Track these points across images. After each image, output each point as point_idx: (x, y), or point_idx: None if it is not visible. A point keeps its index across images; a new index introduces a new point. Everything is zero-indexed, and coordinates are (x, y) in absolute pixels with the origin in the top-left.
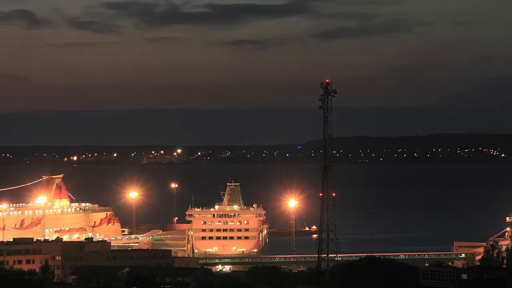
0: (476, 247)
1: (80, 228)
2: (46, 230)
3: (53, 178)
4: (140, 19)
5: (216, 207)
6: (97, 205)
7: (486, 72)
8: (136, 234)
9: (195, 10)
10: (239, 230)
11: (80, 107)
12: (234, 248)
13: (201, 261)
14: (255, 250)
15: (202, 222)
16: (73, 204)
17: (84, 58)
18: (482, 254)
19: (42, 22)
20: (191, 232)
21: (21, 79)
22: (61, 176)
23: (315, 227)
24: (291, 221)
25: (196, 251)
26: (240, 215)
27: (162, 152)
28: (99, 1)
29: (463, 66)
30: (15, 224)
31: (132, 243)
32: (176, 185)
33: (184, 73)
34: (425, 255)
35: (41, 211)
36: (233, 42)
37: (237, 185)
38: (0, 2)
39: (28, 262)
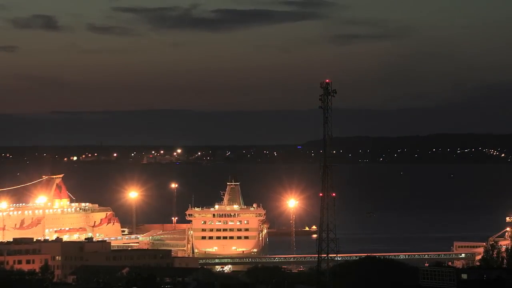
0: (476, 247)
1: (80, 228)
2: (46, 230)
3: (53, 178)
4: (154, 24)
5: (216, 206)
6: (97, 205)
7: (486, 74)
8: (136, 234)
9: (203, 15)
10: (239, 230)
11: (80, 107)
12: (234, 248)
13: (201, 261)
14: (255, 250)
15: (202, 222)
16: (73, 204)
17: (87, 60)
18: (482, 254)
19: (61, 27)
20: (191, 232)
21: (22, 80)
22: (61, 176)
23: (315, 227)
24: (291, 221)
25: (196, 251)
26: (240, 215)
27: (162, 152)
28: (115, 6)
29: (464, 67)
30: (15, 224)
31: (132, 243)
32: (176, 185)
33: (184, 75)
34: (425, 255)
35: (41, 211)
36: (235, 45)
37: (237, 184)
38: (20, 7)
39: (28, 262)
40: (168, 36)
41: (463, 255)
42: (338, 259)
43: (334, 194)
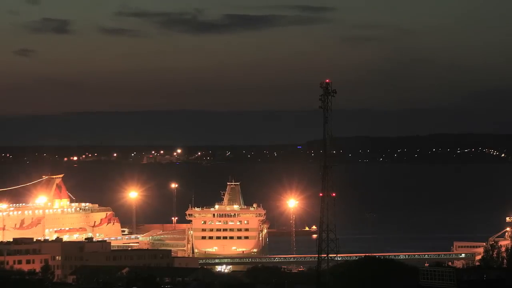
0: (476, 247)
1: (80, 228)
2: (46, 230)
3: (53, 178)
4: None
5: (216, 206)
6: (97, 205)
7: (487, 75)
8: (136, 234)
9: (209, 20)
10: (239, 230)
11: (81, 107)
12: (234, 248)
13: (201, 261)
14: (255, 250)
15: (202, 222)
16: (73, 204)
17: (94, 62)
18: (482, 254)
19: (71, 30)
20: (191, 232)
21: (27, 82)
22: (61, 176)
23: (315, 227)
24: (291, 221)
25: (196, 250)
26: (240, 215)
27: (162, 152)
28: (126, 10)
29: (465, 68)
30: (15, 224)
31: (132, 243)
32: (176, 185)
33: (185, 76)
34: (425, 255)
35: (41, 211)
36: (235, 48)
37: (237, 184)
38: (31, 12)
39: (28, 262)
40: (173, 39)
41: (463, 255)
42: (338, 259)
43: (334, 194)
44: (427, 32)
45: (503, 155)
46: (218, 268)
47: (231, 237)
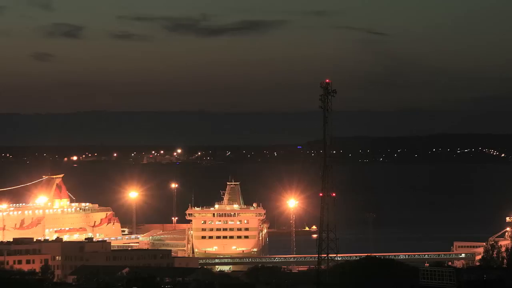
0: (476, 247)
1: (80, 228)
2: (46, 230)
3: (53, 178)
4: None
5: (216, 206)
6: (97, 205)
7: (486, 75)
8: (136, 234)
9: (211, 24)
10: (239, 229)
11: (80, 107)
12: (234, 247)
13: (201, 261)
14: (255, 250)
15: (202, 222)
16: (73, 204)
17: (97, 64)
18: (482, 254)
19: (81, 35)
20: (191, 232)
21: (26, 83)
22: (61, 176)
23: (315, 227)
24: (291, 221)
25: (196, 250)
26: (240, 214)
27: (162, 152)
28: (133, 15)
29: (465, 70)
30: (15, 224)
31: (132, 243)
32: (176, 185)
33: (185, 77)
34: (425, 255)
35: (41, 211)
36: (236, 50)
37: (237, 184)
38: (43, 16)
39: (28, 262)
40: (179, 42)
41: (463, 255)
42: (338, 259)
43: (334, 194)
44: (429, 35)
45: (503, 155)
46: (218, 268)
47: (231, 237)
